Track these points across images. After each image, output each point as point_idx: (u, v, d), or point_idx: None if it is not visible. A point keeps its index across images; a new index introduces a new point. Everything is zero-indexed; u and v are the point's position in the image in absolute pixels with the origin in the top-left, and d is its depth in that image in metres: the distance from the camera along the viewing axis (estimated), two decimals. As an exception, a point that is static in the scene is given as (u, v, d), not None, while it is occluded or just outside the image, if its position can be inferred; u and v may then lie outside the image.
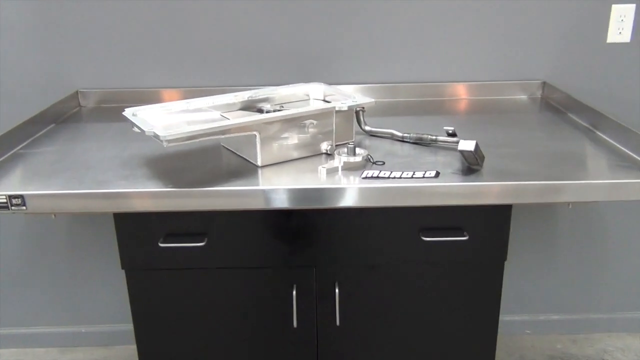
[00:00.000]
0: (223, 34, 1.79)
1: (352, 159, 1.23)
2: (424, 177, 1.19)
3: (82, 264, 2.02)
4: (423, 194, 1.17)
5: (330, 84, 1.80)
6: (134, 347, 1.67)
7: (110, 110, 1.80)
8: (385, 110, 1.71)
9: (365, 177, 1.19)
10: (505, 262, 1.33)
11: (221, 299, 1.36)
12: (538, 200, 1.16)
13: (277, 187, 1.15)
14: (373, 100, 1.35)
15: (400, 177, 1.18)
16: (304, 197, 1.16)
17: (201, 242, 1.26)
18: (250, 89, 1.49)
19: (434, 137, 1.36)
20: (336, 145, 1.34)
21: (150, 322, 1.37)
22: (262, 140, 1.23)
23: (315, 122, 1.29)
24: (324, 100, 1.51)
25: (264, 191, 1.16)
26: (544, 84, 1.83)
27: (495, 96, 1.84)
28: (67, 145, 1.43)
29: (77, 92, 1.82)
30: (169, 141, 1.11)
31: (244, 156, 1.30)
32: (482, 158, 1.22)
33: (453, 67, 1.84)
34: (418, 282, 1.36)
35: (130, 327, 2.03)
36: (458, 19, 1.79)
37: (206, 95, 1.60)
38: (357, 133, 1.43)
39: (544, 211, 2.02)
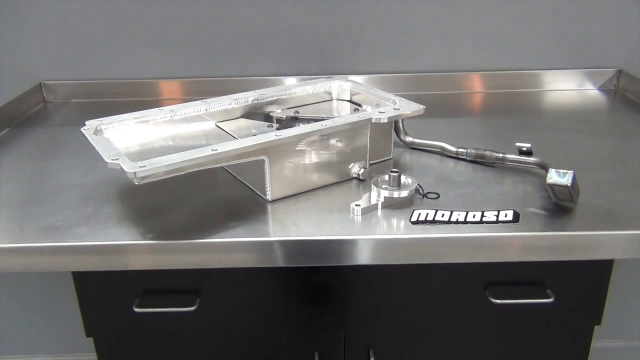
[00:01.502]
0: (222, 10, 1.44)
1: (396, 194, 0.89)
2: (497, 221, 0.85)
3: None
4: (497, 246, 0.84)
5: (350, 73, 1.45)
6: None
7: (81, 107, 1.46)
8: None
9: (417, 222, 0.85)
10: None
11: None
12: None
13: (293, 237, 0.82)
14: (422, 107, 1.00)
15: (465, 222, 0.85)
16: (331, 251, 0.83)
17: (191, 305, 0.93)
18: (253, 79, 1.14)
19: (500, 156, 1.02)
20: (370, 165, 1.01)
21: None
22: (272, 166, 0.89)
23: (342, 140, 0.95)
24: (351, 102, 1.16)
25: (275, 244, 0.82)
26: (620, 72, 1.47)
27: (557, 88, 1.49)
28: (16, 164, 1.10)
29: (40, 85, 1.47)
30: (140, 179, 0.77)
31: (249, 185, 0.96)
32: (578, 192, 0.89)
33: (504, 53, 1.48)
34: (478, 352, 1.03)
35: None
36: (514, -9, 1.43)
37: (201, 91, 1.26)
38: (395, 144, 1.09)
39: None
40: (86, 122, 0.95)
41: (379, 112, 0.97)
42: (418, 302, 0.99)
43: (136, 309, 0.91)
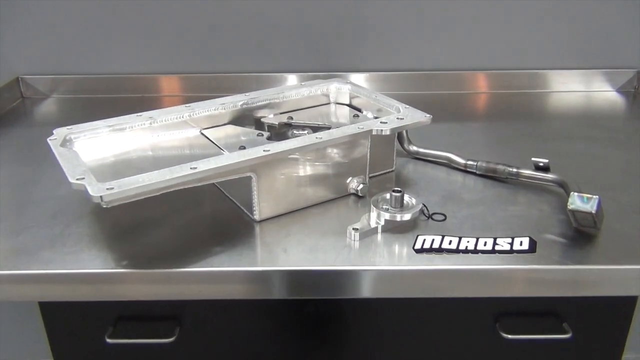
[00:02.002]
0: (214, 2, 1.33)
1: (398, 217, 0.80)
2: (512, 250, 0.76)
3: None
4: (510, 281, 0.75)
5: (352, 71, 1.35)
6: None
7: (62, 103, 1.36)
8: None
9: (421, 250, 0.76)
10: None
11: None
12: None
13: (282, 267, 0.73)
14: (428, 116, 0.90)
15: (475, 250, 0.76)
16: (325, 283, 0.74)
17: (170, 336, 0.84)
18: (252, 75, 1.04)
19: (514, 171, 0.93)
20: (370, 177, 0.91)
21: None
22: (260, 184, 0.80)
23: (339, 153, 0.85)
24: (351, 106, 1.06)
25: (262, 275, 0.74)
26: (640, 73, 1.37)
27: (573, 89, 1.39)
28: (-16, 170, 1.00)
29: (17, 80, 1.37)
30: (108, 202, 0.68)
31: (236, 201, 0.87)
32: (602, 218, 0.79)
33: (515, 51, 1.38)
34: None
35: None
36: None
37: (193, 88, 1.17)
38: (398, 153, 1.00)
39: None
40: (54, 131, 0.85)
41: (381, 122, 0.87)
42: (422, 336, 0.90)
43: (108, 340, 0.82)
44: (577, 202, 0.76)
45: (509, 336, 0.83)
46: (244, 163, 0.75)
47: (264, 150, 0.77)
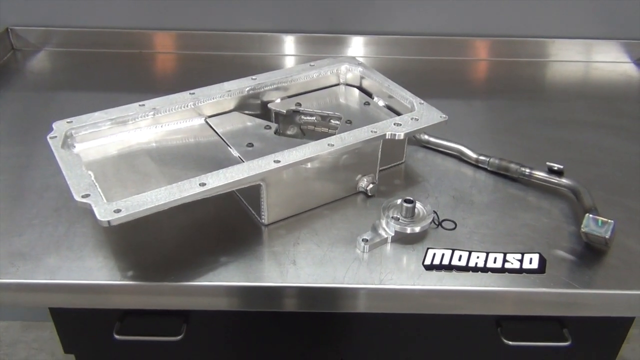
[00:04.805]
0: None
1: (408, 229, 0.79)
2: (521, 269, 0.76)
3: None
4: (519, 301, 0.75)
5: (357, 33, 1.29)
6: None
7: (56, 58, 1.30)
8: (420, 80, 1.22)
9: (431, 266, 0.76)
10: None
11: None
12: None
13: (291, 284, 0.73)
14: (444, 117, 0.87)
15: (484, 268, 0.76)
16: (333, 299, 0.75)
17: (177, 334, 0.85)
18: (250, 34, 0.99)
19: (527, 172, 0.91)
20: (380, 170, 0.89)
21: None
22: (269, 191, 0.78)
23: (349, 153, 0.83)
24: (360, 89, 1.02)
25: (270, 290, 0.73)
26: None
27: (583, 59, 1.34)
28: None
29: (7, 30, 1.30)
30: (112, 221, 0.66)
31: (244, 201, 0.85)
32: (614, 237, 0.79)
33: (524, 17, 1.31)
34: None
35: None
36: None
37: (192, 45, 1.12)
38: (408, 140, 0.96)
39: None
40: (53, 125, 0.81)
41: (395, 124, 0.84)
42: (423, 342, 0.92)
43: (117, 336, 0.83)
44: (592, 225, 0.75)
45: (511, 343, 0.84)
46: (255, 177, 0.73)
47: (274, 161, 0.75)
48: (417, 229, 0.79)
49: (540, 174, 0.90)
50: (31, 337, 1.75)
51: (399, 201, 0.81)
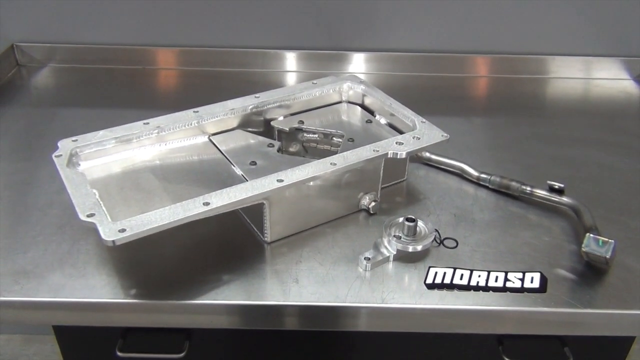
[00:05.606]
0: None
1: (410, 248, 0.79)
2: (522, 288, 0.76)
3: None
4: (520, 320, 0.75)
5: (356, 49, 1.30)
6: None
7: (60, 74, 1.31)
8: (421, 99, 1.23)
9: (433, 285, 0.76)
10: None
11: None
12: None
13: (294, 302, 0.73)
14: (446, 135, 0.88)
15: (486, 287, 0.76)
16: (336, 317, 0.75)
17: (179, 351, 0.85)
18: (252, 51, 0.99)
19: (527, 190, 0.91)
20: (382, 188, 0.89)
21: None
22: (272, 209, 0.79)
23: (352, 172, 0.84)
24: (362, 107, 1.03)
25: (273, 309, 0.74)
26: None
27: (583, 76, 1.35)
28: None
29: (12, 47, 1.31)
30: (117, 241, 0.67)
31: (247, 219, 0.85)
32: (614, 257, 0.79)
33: (524, 35, 1.32)
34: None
35: None
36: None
37: (195, 62, 1.13)
38: (410, 158, 0.97)
39: None
40: (59, 144, 0.82)
41: (397, 142, 0.84)
42: (424, 358, 0.92)
43: (119, 354, 0.84)
44: (592, 244, 0.76)
45: (512, 361, 0.85)
46: (258, 197, 0.74)
47: (277, 181, 0.75)
48: (419, 248, 0.79)
49: (541, 192, 0.90)
50: (32, 350, 1.74)
51: (400, 219, 0.82)
